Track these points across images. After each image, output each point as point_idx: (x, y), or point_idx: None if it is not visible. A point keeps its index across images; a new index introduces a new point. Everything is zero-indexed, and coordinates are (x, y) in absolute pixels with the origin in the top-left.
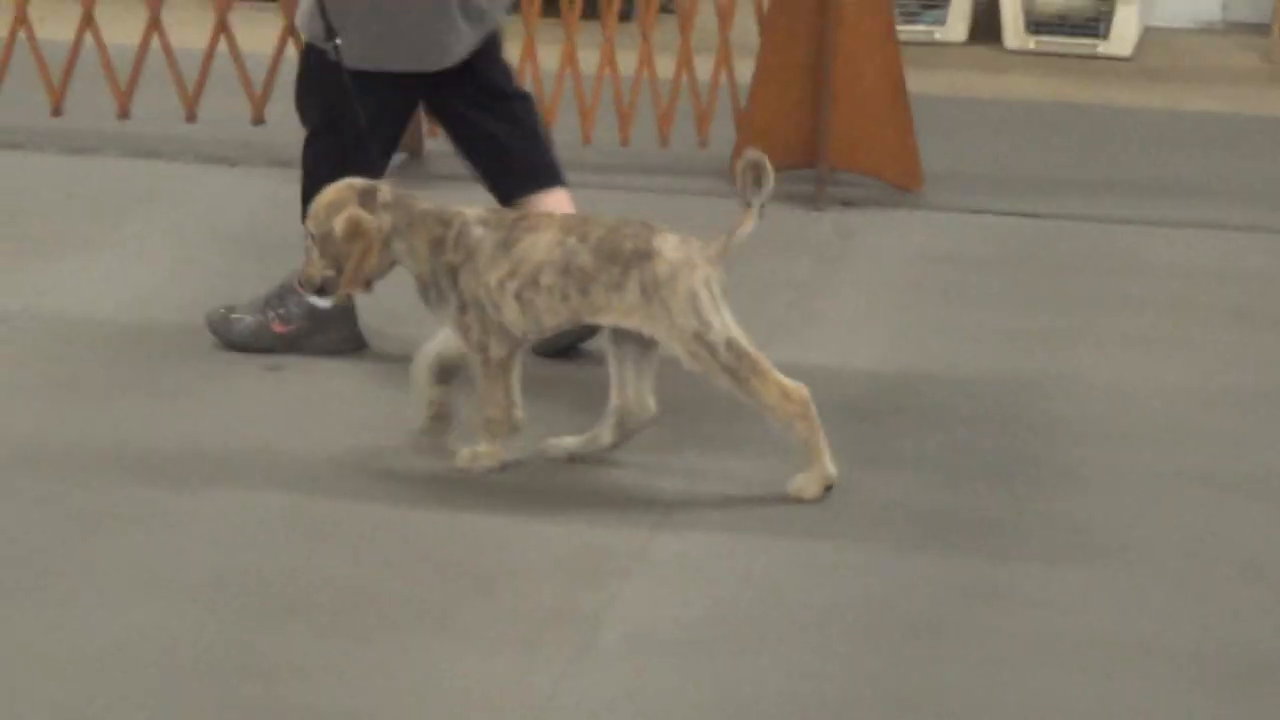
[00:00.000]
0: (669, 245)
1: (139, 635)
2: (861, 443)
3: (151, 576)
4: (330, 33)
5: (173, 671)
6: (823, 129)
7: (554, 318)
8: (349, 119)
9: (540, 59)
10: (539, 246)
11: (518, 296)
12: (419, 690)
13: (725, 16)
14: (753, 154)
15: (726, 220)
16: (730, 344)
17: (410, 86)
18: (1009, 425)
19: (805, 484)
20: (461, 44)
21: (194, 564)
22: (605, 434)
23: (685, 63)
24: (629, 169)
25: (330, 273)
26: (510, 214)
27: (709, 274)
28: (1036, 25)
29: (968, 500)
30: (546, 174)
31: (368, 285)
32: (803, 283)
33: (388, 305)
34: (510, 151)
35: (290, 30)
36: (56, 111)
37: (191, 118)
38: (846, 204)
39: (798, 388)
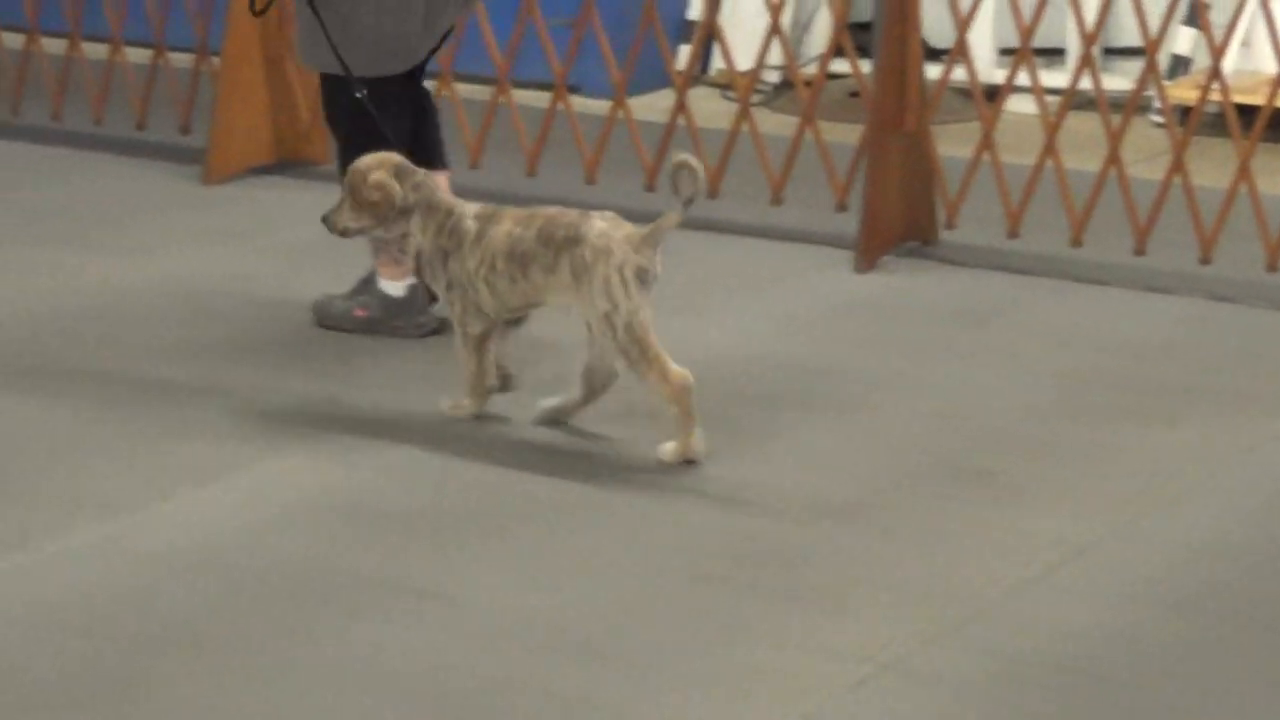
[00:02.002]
0: (594, 232)
1: None
2: None
3: None
4: (346, 69)
5: None
6: None
7: (512, 298)
8: (370, 124)
9: None
10: (498, 236)
11: (486, 281)
12: None
13: None
14: (682, 157)
15: None
16: (629, 328)
17: (402, 81)
18: None
19: (667, 450)
20: (424, 46)
21: None
22: (576, 390)
23: None
24: None
25: (354, 224)
26: (491, 209)
27: (624, 259)
28: None
29: None
30: (439, 156)
31: (345, 233)
32: None
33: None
34: (421, 130)
35: None
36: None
37: None
38: None
39: (681, 374)
